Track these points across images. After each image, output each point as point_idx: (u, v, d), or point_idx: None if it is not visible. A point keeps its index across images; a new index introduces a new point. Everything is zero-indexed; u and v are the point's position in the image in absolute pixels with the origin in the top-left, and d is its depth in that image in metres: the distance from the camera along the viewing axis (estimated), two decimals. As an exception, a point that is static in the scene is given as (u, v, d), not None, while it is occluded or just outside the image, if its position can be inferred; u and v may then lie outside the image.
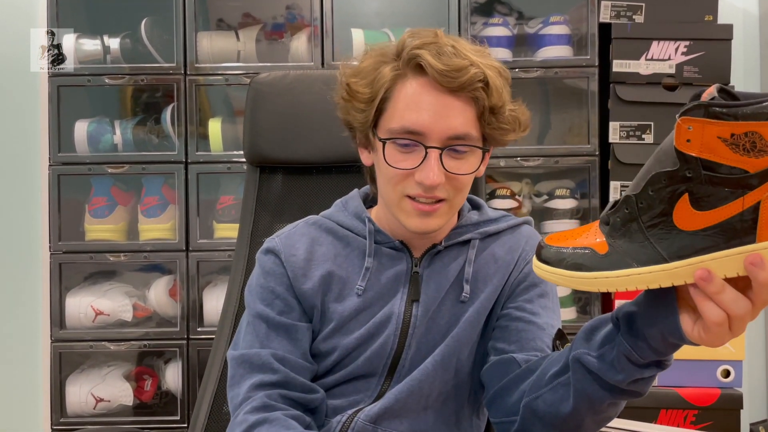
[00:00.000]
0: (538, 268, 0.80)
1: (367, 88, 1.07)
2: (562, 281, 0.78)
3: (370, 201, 1.22)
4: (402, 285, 1.12)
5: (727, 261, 0.70)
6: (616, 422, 1.38)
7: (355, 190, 1.23)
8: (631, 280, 0.74)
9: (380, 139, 1.06)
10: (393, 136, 1.04)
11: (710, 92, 0.70)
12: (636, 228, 0.74)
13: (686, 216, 0.72)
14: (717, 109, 0.67)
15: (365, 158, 1.15)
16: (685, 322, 0.75)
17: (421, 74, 1.03)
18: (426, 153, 1.02)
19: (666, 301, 0.76)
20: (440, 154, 1.02)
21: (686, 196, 0.71)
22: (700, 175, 0.70)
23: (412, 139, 1.03)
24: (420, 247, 1.14)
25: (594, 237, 0.77)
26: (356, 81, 1.08)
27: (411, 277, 1.12)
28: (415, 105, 1.03)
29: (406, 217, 1.07)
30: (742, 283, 0.71)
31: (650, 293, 0.78)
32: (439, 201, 1.05)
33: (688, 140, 0.69)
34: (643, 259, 0.74)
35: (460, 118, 1.03)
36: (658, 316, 0.77)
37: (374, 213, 1.18)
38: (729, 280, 0.71)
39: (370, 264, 1.12)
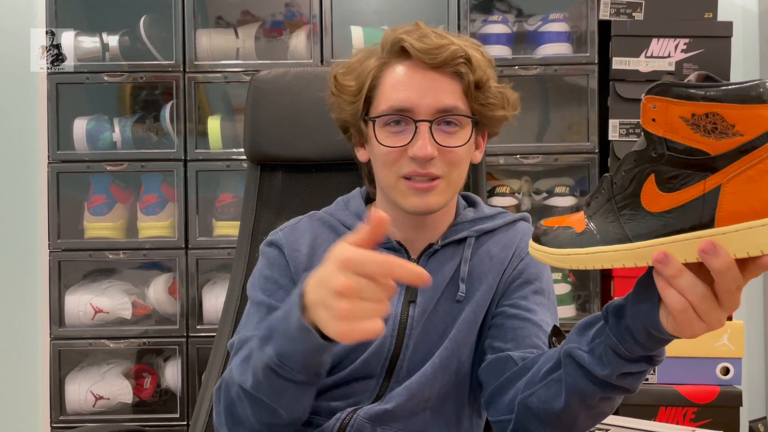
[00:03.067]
0: (531, 247, 0.82)
1: (354, 81, 1.10)
2: (545, 258, 0.79)
3: (370, 201, 1.22)
4: (399, 286, 1.12)
5: (686, 245, 0.70)
6: (615, 420, 1.38)
7: (357, 189, 1.23)
8: (598, 258, 0.75)
9: (371, 119, 1.08)
10: (382, 115, 1.07)
11: (689, 79, 0.71)
12: (610, 208, 0.75)
13: (652, 197, 0.72)
14: (680, 88, 0.67)
15: (362, 155, 1.16)
16: (662, 313, 0.75)
17: (405, 58, 1.07)
18: (416, 127, 1.04)
19: (649, 293, 0.76)
20: (430, 127, 1.04)
21: (653, 176, 0.71)
22: (665, 155, 0.70)
23: (402, 115, 1.05)
24: (417, 247, 1.14)
25: (578, 217, 0.79)
26: (344, 75, 1.12)
27: None
28: (401, 85, 1.06)
29: (404, 198, 1.07)
30: (708, 272, 0.70)
31: (639, 287, 0.78)
32: (436, 179, 1.06)
33: (653, 119, 0.69)
34: (610, 238, 0.74)
35: (446, 92, 1.06)
36: (641, 309, 0.77)
37: None
38: (700, 267, 0.70)
39: None
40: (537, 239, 0.81)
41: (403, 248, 1.13)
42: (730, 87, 0.66)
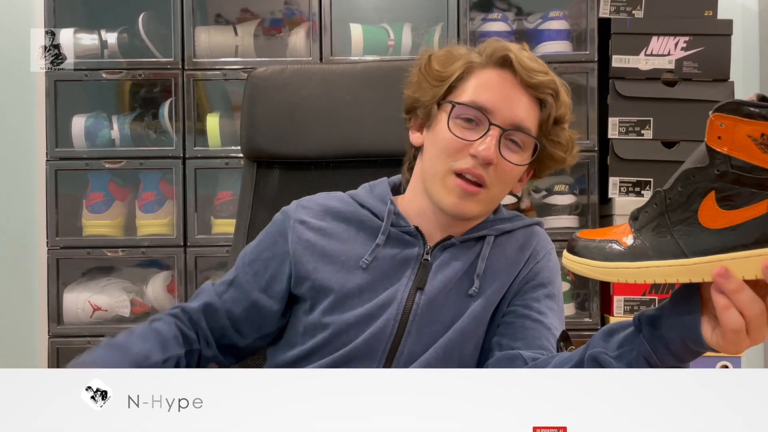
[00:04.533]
0: (567, 259, 0.82)
1: (444, 67, 1.13)
2: (587, 271, 0.80)
3: (395, 192, 1.23)
4: (410, 270, 1.12)
5: (746, 262, 0.71)
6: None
7: (384, 178, 1.24)
8: (651, 272, 0.75)
9: (450, 102, 1.10)
10: (463, 104, 1.09)
11: (751, 98, 0.71)
12: (662, 223, 0.76)
13: (711, 214, 0.72)
14: (750, 108, 0.68)
15: (416, 139, 1.18)
16: (705, 328, 0.76)
17: (502, 67, 1.11)
18: (489, 128, 1.07)
19: (690, 307, 0.77)
20: (500, 135, 1.07)
21: (713, 193, 0.72)
22: (728, 173, 0.70)
23: (480, 113, 1.08)
24: (435, 237, 1.15)
25: (622, 231, 0.79)
26: (438, 58, 1.15)
27: (420, 264, 1.12)
28: (488, 87, 1.10)
29: (447, 193, 1.09)
30: (764, 290, 0.72)
31: (675, 298, 0.79)
32: (483, 186, 1.08)
33: (719, 137, 0.70)
34: (664, 253, 0.75)
35: (527, 111, 1.10)
36: (681, 321, 0.78)
37: (398, 200, 1.19)
38: (748, 284, 0.71)
39: (381, 241, 1.13)
40: (574, 251, 0.81)
41: (420, 234, 1.14)
42: None
